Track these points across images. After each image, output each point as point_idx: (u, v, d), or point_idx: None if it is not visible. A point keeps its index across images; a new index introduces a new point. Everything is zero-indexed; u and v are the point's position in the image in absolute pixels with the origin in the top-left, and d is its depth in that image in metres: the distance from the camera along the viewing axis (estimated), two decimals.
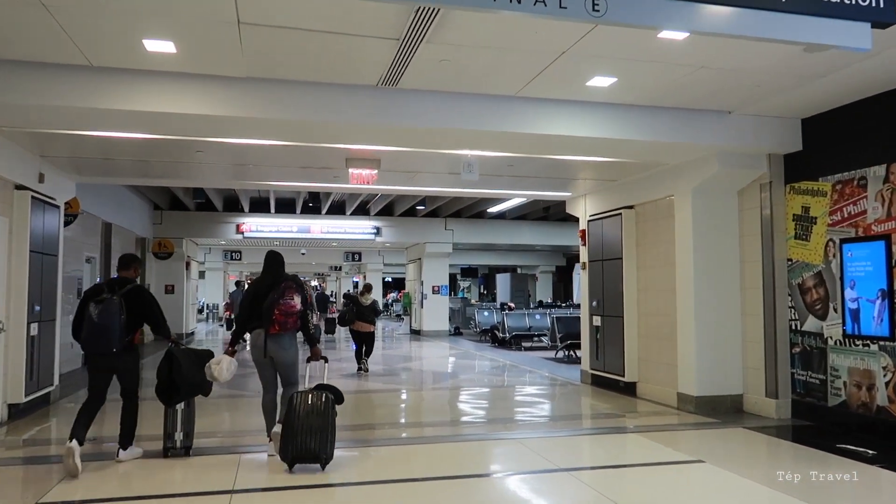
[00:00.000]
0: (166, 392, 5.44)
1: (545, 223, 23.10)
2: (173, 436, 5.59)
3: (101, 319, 5.03)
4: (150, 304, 5.43)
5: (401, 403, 9.47)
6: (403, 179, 9.45)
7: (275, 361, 5.47)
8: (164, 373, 5.39)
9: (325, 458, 5.08)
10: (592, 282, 10.31)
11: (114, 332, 5.06)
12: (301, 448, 5.01)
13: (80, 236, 12.79)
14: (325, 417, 5.08)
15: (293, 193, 19.40)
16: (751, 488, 4.89)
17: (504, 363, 13.83)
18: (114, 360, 5.22)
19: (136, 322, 5.34)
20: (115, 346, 5.09)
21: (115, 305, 5.09)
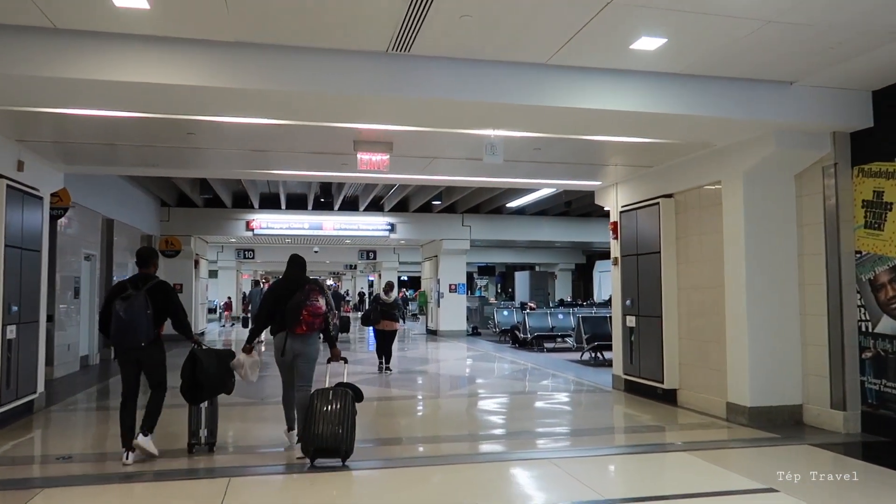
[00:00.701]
0: (191, 391, 5.60)
1: (566, 219, 22.17)
2: (198, 433, 5.74)
3: (127, 315, 5.16)
4: (172, 300, 5.52)
5: (417, 413, 8.64)
6: (418, 167, 8.60)
7: (296, 358, 5.61)
8: (188, 372, 5.56)
9: (345, 453, 5.26)
10: (626, 279, 9.41)
11: (140, 327, 5.19)
12: (322, 443, 5.17)
13: (77, 232, 12.11)
14: (345, 413, 5.23)
15: (304, 188, 18.68)
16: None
17: (526, 366, 12.96)
18: (141, 353, 5.36)
19: (161, 317, 5.45)
20: (142, 340, 5.23)
21: (141, 301, 5.22)
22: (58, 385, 10.29)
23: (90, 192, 12.58)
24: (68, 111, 5.84)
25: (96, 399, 9.45)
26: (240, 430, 7.01)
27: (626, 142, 7.27)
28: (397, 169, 8.62)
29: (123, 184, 15.06)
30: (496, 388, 10.63)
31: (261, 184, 18.21)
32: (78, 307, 11.99)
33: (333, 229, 20.26)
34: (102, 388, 10.39)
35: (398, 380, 11.35)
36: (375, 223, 20.52)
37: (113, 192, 14.32)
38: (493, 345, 18.02)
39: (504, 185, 11.30)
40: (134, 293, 5.26)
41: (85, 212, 12.42)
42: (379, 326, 11.44)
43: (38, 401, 7.88)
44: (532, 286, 27.30)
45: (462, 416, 8.27)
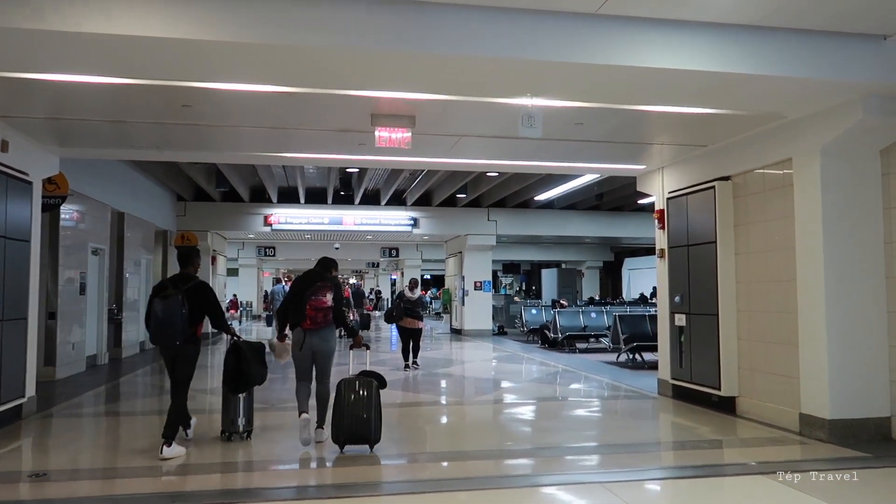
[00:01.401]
0: (234, 381, 5.83)
1: (597, 213, 21.16)
2: (236, 421, 5.95)
3: (164, 314, 5.32)
4: (209, 300, 5.66)
5: (442, 421, 7.79)
6: (444, 148, 7.73)
7: (314, 353, 5.78)
8: (231, 364, 5.82)
9: (373, 440, 5.46)
10: (674, 273, 8.46)
11: (176, 325, 5.33)
12: (350, 431, 5.37)
13: (84, 225, 11.46)
14: (371, 402, 5.41)
15: (323, 181, 17.94)
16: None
17: (559, 368, 12.04)
18: (176, 350, 5.52)
19: (198, 316, 5.59)
20: (178, 338, 5.38)
21: (178, 301, 5.35)
22: (60, 387, 9.63)
23: (98, 182, 11.95)
24: (55, 77, 5.08)
25: (98, 403, 8.75)
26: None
27: (681, 115, 6.34)
28: (420, 150, 7.77)
29: (136, 175, 14.45)
30: (528, 392, 9.73)
31: (279, 177, 17.52)
32: (84, 304, 11.35)
33: (354, 224, 19.51)
34: (108, 390, 9.71)
35: (422, 383, 10.53)
36: (397, 217, 19.73)
37: (124, 184, 13.70)
38: (520, 345, 17.11)
39: (538, 170, 10.38)
40: (172, 292, 5.42)
41: (92, 203, 11.79)
42: (402, 324, 11.19)
43: (27, 405, 7.18)
44: (560, 284, 26.31)
45: (493, 425, 7.40)
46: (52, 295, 10.20)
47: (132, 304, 14.20)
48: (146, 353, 14.85)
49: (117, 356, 13.26)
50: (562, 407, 8.59)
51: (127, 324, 13.79)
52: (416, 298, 11.27)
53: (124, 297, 13.59)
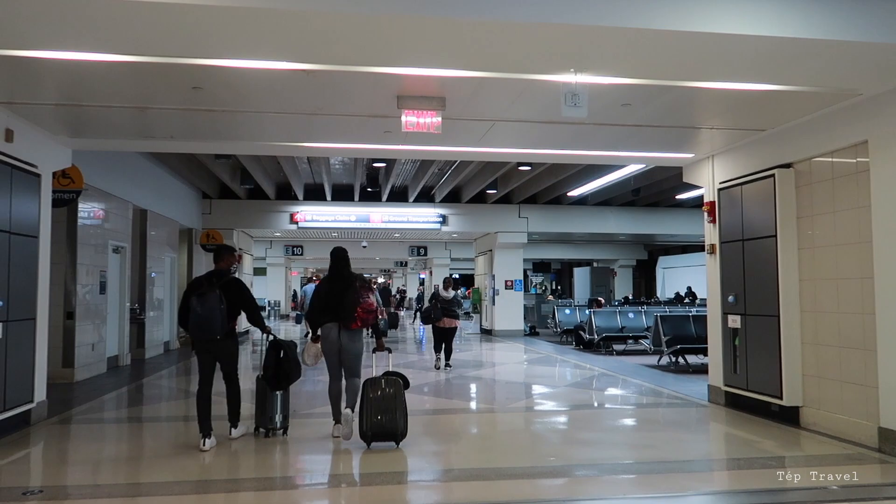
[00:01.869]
0: (275, 378, 5.92)
1: (632, 209, 20.39)
2: (273, 418, 6.05)
3: (203, 310, 5.47)
4: (244, 296, 5.81)
5: (474, 432, 7.22)
6: (476, 135, 7.13)
7: (343, 352, 5.88)
8: (272, 361, 5.93)
9: (399, 436, 5.63)
10: (727, 270, 7.77)
11: (215, 321, 5.48)
12: (377, 428, 5.55)
13: (104, 222, 11.15)
14: (396, 399, 5.61)
15: (350, 178, 17.52)
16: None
17: (597, 371, 11.39)
18: (216, 346, 5.65)
19: (234, 311, 5.73)
20: (217, 333, 5.53)
21: (215, 297, 5.50)
22: (77, 389, 9.29)
23: (118, 178, 11.64)
24: (57, 55, 4.65)
25: (116, 406, 8.38)
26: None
27: (738, 94, 5.67)
28: (449, 138, 7.21)
29: (159, 172, 14.16)
30: (565, 398, 9.11)
31: (304, 173, 17.13)
32: (105, 303, 11.03)
33: (381, 221, 19.06)
34: (128, 392, 9.35)
35: (452, 387, 9.98)
36: (426, 214, 19.22)
37: (147, 181, 13.40)
38: (553, 346, 16.46)
39: (577, 160, 9.74)
40: (209, 289, 5.54)
41: (113, 200, 11.47)
42: (439, 324, 11.04)
43: (37, 411, 6.80)
44: (593, 283, 25.54)
45: (527, 437, 6.79)
46: (70, 294, 9.88)
47: (156, 304, 13.91)
48: (171, 353, 14.56)
49: (140, 357, 12.96)
50: (602, 416, 7.96)
51: (150, 324, 13.49)
52: (452, 297, 11.14)
53: (147, 297, 13.29)
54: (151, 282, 13.70)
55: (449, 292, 11.14)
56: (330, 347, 5.91)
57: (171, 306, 15.39)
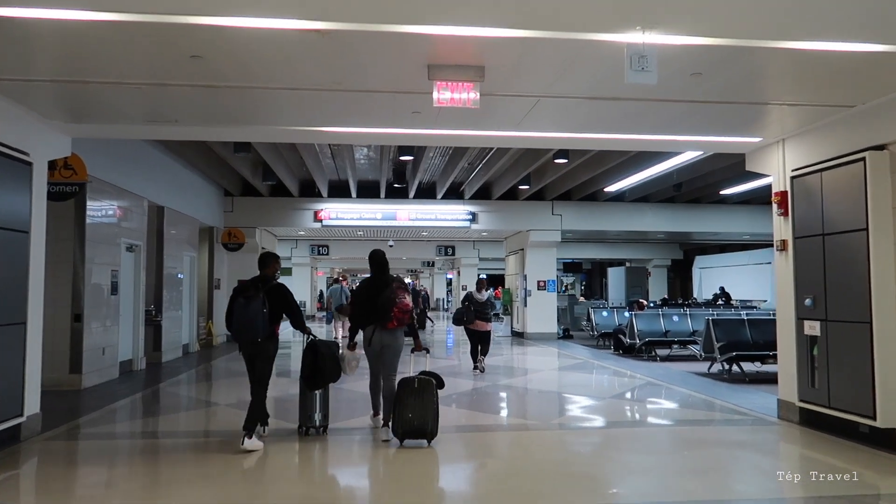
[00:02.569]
0: (311, 378, 6.06)
1: (671, 206, 19.32)
2: (313, 416, 6.20)
3: (247, 313, 5.63)
4: (288, 301, 5.96)
5: (509, 455, 6.36)
6: (517, 114, 6.25)
7: (384, 349, 6.04)
8: (309, 361, 6.05)
9: (430, 434, 5.79)
10: (803, 269, 6.81)
11: (258, 324, 5.64)
12: (410, 426, 5.74)
13: (116, 219, 10.53)
14: (430, 399, 5.77)
15: (376, 174, 16.78)
16: None
17: (642, 380, 10.44)
18: (256, 348, 5.79)
19: (277, 315, 5.85)
20: (259, 335, 5.69)
21: (259, 301, 5.66)
22: (85, 397, 8.67)
23: (131, 172, 11.03)
24: (38, 14, 3.95)
25: (123, 417, 7.72)
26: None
27: (833, 58, 4.75)
28: (485, 120, 6.39)
29: (177, 167, 13.56)
30: (611, 412, 8.22)
31: (328, 169, 16.44)
32: (117, 304, 10.41)
33: (409, 219, 18.28)
34: (138, 401, 8.70)
35: (485, 398, 9.16)
36: (455, 212, 18.41)
37: (163, 176, 12.81)
38: (590, 350, 15.51)
39: (626, 146, 8.76)
40: (254, 293, 5.71)
41: (126, 195, 10.86)
42: (472, 326, 10.87)
43: (28, 425, 6.13)
44: (628, 283, 24.47)
45: (572, 462, 5.89)
46: (78, 295, 9.26)
47: (173, 305, 13.29)
48: (190, 356, 13.95)
49: (157, 361, 12.34)
50: (658, 435, 7.03)
51: (168, 326, 12.88)
52: (486, 300, 10.97)
53: (164, 298, 12.68)
54: (170, 282, 13.11)
55: (482, 294, 10.95)
56: (372, 347, 6.10)
57: (190, 307, 14.80)
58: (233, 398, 8.62)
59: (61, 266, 9.21)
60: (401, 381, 5.93)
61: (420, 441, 5.81)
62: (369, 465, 5.68)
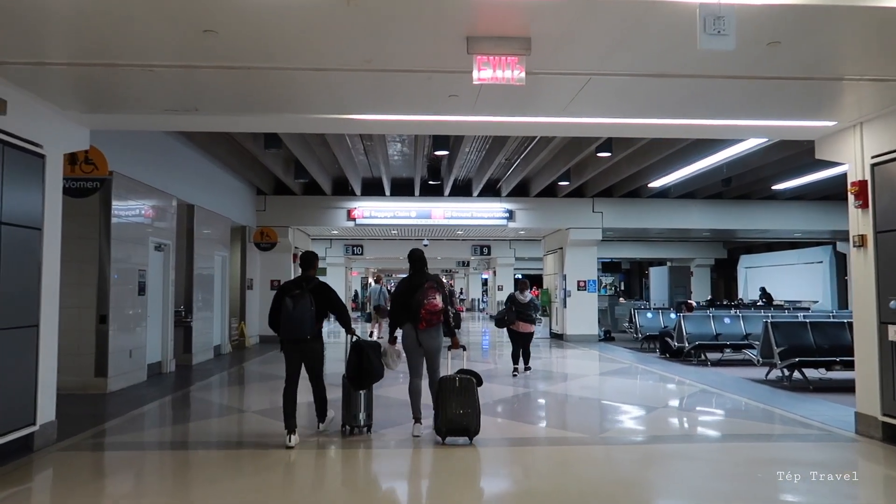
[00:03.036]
0: (357, 378, 6.15)
1: (718, 203, 18.43)
2: (357, 416, 6.28)
3: (295, 312, 5.77)
4: (333, 300, 6.12)
5: (561, 478, 5.77)
6: (561, 97, 5.65)
7: (424, 349, 6.16)
8: (354, 362, 6.14)
9: (472, 431, 5.95)
10: (887, 267, 6.07)
11: (306, 322, 5.80)
12: (451, 423, 5.89)
13: (144, 217, 10.23)
14: (470, 396, 5.95)
15: (409, 171, 16.30)
16: None
17: (694, 387, 9.72)
18: (305, 346, 5.94)
19: (322, 314, 6.00)
20: (307, 333, 5.85)
21: (306, 300, 5.83)
22: (110, 401, 8.37)
23: (162, 170, 10.76)
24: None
25: (148, 424, 7.37)
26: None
27: None
28: (529, 104, 5.82)
29: (208, 165, 13.28)
30: (669, 425, 7.56)
31: (362, 166, 16.02)
32: (144, 305, 10.11)
33: (444, 217, 17.77)
34: (168, 404, 8.36)
35: (527, 407, 8.58)
36: (491, 210, 17.84)
37: (194, 174, 12.54)
38: (634, 354, 14.77)
39: (684, 133, 7.96)
40: (300, 292, 5.86)
41: (155, 193, 10.57)
42: (514, 328, 10.66)
43: (42, 434, 5.76)
44: (672, 283, 23.55)
45: (648, 490, 5.29)
46: (103, 296, 8.96)
47: (204, 305, 13.01)
48: (222, 358, 13.66)
49: (187, 363, 12.06)
50: (722, 452, 6.32)
51: (198, 327, 12.59)
52: (528, 301, 10.74)
53: (194, 298, 12.39)
54: (201, 282, 12.82)
55: (525, 295, 10.72)
56: (410, 346, 6.19)
57: (222, 308, 14.52)
58: (265, 402, 8.22)
59: (87, 266, 8.93)
60: (441, 380, 6.05)
61: (462, 438, 5.96)
62: (414, 462, 5.77)
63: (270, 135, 11.95)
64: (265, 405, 8.06)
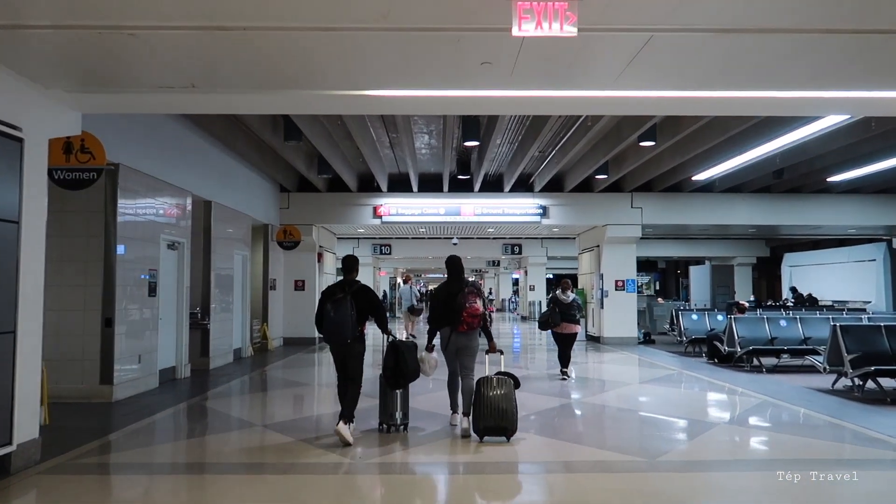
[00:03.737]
0: (393, 377, 6.34)
1: (767, 197, 17.28)
2: (394, 414, 6.49)
3: (336, 316, 5.95)
4: (374, 302, 6.30)
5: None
6: (615, 63, 4.78)
7: (460, 351, 6.40)
8: (391, 362, 6.34)
9: (510, 431, 6.07)
10: None
11: (347, 326, 5.97)
12: (489, 423, 6.03)
13: (155, 214, 9.60)
14: (508, 398, 6.08)
15: (438, 166, 15.53)
16: None
17: (755, 398, 8.74)
18: (345, 348, 6.14)
19: (363, 316, 6.18)
20: (348, 337, 6.02)
21: (347, 304, 5.98)
22: (114, 411, 7.74)
23: (174, 163, 10.17)
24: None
25: (147, 441, 6.64)
26: None
27: None
28: (576, 73, 4.96)
29: (227, 160, 12.70)
30: (741, 446, 6.56)
31: (387, 161, 15.29)
32: (156, 307, 9.48)
33: (473, 214, 16.95)
34: (175, 416, 7.69)
35: (568, 420, 7.72)
36: (524, 206, 16.96)
37: (213, 170, 11.99)
38: (678, 359, 13.76)
39: (759, 111, 6.93)
40: (342, 296, 6.01)
41: (167, 188, 9.94)
42: (559, 330, 10.31)
43: (21, 454, 5.09)
44: (714, 283, 22.35)
45: None
46: (109, 297, 8.34)
47: (223, 307, 12.38)
48: (242, 362, 13.04)
49: (203, 367, 11.44)
50: (815, 485, 5.36)
51: (216, 330, 11.96)
52: (571, 301, 10.33)
53: (212, 299, 11.76)
54: (220, 282, 12.21)
55: (568, 295, 10.34)
56: (449, 348, 6.42)
57: (242, 309, 13.91)
58: (286, 413, 7.53)
59: (91, 265, 8.33)
60: (479, 381, 6.17)
61: (500, 437, 6.09)
62: (452, 459, 5.80)
63: (290, 125, 11.28)
64: (284, 415, 7.33)
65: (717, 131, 11.05)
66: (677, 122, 10.86)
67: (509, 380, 6.17)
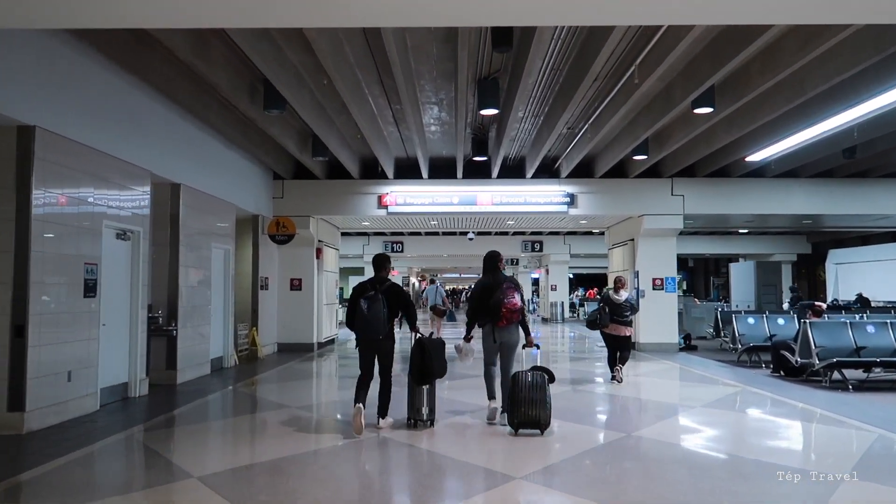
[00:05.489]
0: (420, 374, 6.49)
1: (829, 182, 15.06)
2: (421, 410, 6.62)
3: (369, 312, 6.24)
4: (404, 300, 6.58)
5: None
6: None
7: (501, 345, 6.72)
8: (417, 358, 6.50)
9: (543, 425, 6.20)
10: None
11: (378, 323, 6.26)
12: (524, 416, 6.21)
13: (94, 195, 7.71)
14: (542, 392, 6.24)
15: (451, 149, 13.53)
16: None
17: (868, 432, 6.64)
18: (378, 344, 6.41)
19: (394, 313, 6.49)
20: (380, 333, 6.32)
21: (379, 301, 6.27)
22: (26, 445, 5.85)
23: (125, 132, 8.26)
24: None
25: (51, 489, 4.73)
26: None
27: None
28: None
29: (207, 140, 10.93)
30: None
31: (394, 143, 13.31)
32: (94, 309, 7.59)
33: (492, 204, 14.93)
34: (101, 452, 5.72)
35: (623, 471, 5.61)
36: (548, 193, 14.91)
37: (185, 149, 10.15)
38: (731, 370, 11.64)
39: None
40: (374, 294, 6.31)
41: (112, 163, 8.05)
42: (607, 330, 9.65)
43: None
44: (758, 282, 20.10)
45: None
46: (20, 300, 6.45)
47: (196, 311, 10.47)
48: (221, 373, 11.13)
49: (170, 382, 9.56)
50: None
51: (186, 337, 10.06)
52: (624, 301, 9.63)
53: (181, 301, 9.86)
54: (191, 280, 10.34)
55: (621, 294, 9.64)
56: (488, 342, 6.78)
57: (224, 313, 12.01)
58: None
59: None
60: (515, 375, 6.34)
61: (534, 430, 6.19)
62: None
63: (270, 91, 9.30)
64: (239, 461, 5.39)
65: (790, 94, 8.95)
66: (746, 80, 8.77)
67: (544, 375, 6.37)
